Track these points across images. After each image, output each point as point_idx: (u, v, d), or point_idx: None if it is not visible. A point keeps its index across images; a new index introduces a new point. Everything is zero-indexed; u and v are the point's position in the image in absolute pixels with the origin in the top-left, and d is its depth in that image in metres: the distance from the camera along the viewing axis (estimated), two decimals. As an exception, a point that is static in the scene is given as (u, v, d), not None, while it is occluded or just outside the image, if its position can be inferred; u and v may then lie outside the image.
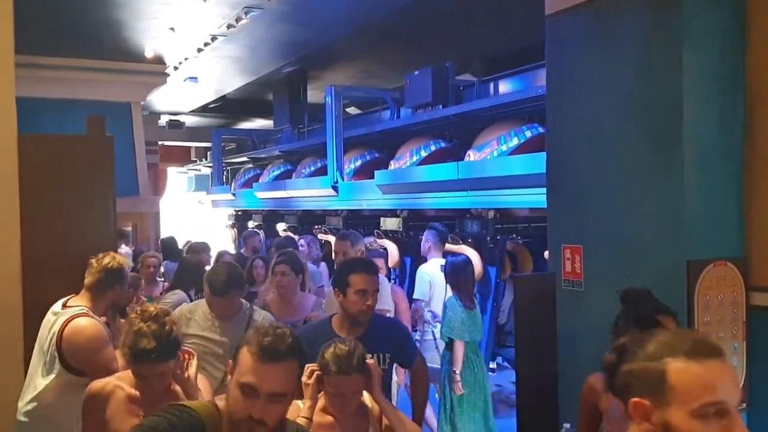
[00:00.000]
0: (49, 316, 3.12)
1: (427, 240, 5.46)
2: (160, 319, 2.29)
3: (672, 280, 2.75)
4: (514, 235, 6.08)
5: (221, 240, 11.76)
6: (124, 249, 6.84)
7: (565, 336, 3.27)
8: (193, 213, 16.21)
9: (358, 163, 7.86)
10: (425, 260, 5.42)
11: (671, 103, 2.80)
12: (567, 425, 2.72)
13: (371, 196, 7.09)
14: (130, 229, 7.30)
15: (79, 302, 3.14)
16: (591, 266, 3.16)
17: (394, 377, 3.71)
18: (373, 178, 6.93)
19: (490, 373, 6.42)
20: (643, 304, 2.35)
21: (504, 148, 5.60)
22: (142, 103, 7.84)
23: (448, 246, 6.05)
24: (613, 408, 2.24)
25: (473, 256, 5.76)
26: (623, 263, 2.99)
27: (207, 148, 14.25)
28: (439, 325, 4.70)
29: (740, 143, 2.90)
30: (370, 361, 2.41)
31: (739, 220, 2.92)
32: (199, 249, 6.48)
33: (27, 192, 3.59)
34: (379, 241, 7.11)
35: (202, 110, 11.00)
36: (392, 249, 6.85)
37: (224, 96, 9.98)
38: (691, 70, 2.77)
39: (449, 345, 4.51)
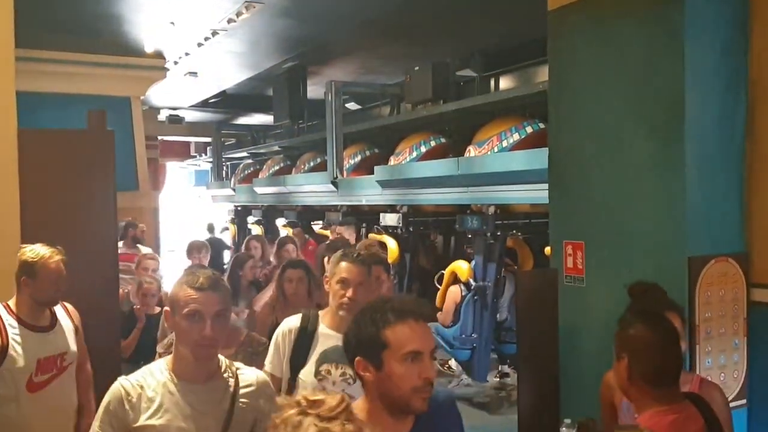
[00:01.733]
0: None
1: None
2: (351, 413, 1.34)
3: (673, 276, 2.76)
4: (514, 231, 6.07)
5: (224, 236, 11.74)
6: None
7: (567, 331, 3.27)
8: (195, 208, 16.22)
9: (358, 158, 7.85)
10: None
11: (673, 99, 2.79)
12: (567, 420, 2.72)
13: (371, 192, 7.08)
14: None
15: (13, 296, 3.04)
16: (592, 262, 3.16)
17: None
18: (372, 173, 6.92)
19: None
20: (649, 298, 2.35)
21: (504, 144, 5.59)
22: (141, 98, 7.81)
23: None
24: (624, 402, 2.27)
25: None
26: (625, 259, 2.99)
27: (207, 143, 14.24)
28: None
29: (742, 139, 2.90)
30: None
31: (741, 216, 2.92)
32: (193, 249, 6.08)
33: (27, 187, 3.58)
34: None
35: (202, 105, 10.97)
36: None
37: (224, 91, 9.96)
38: (693, 65, 2.76)
39: None
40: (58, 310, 3.14)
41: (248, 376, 2.07)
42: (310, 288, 3.72)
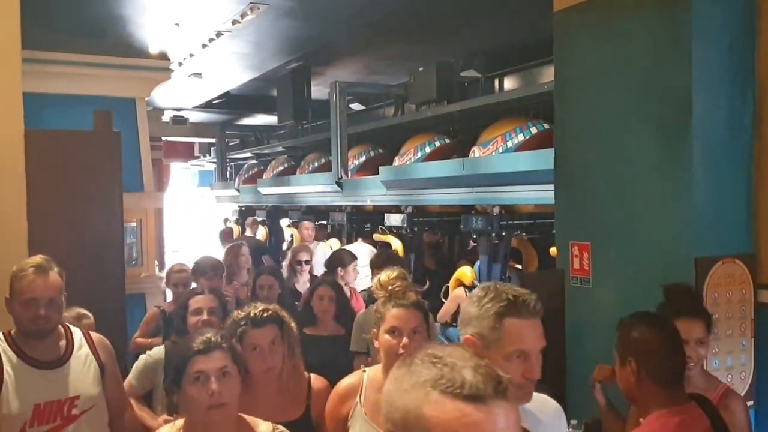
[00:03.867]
0: None
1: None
2: None
3: (680, 277, 2.73)
4: (518, 232, 6.06)
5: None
6: None
7: (574, 332, 3.27)
8: (200, 209, 16.24)
9: (363, 159, 7.85)
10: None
11: (680, 98, 2.79)
12: (574, 421, 2.72)
13: (375, 192, 7.08)
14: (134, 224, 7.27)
15: None
16: (599, 263, 3.15)
17: None
18: (377, 174, 6.92)
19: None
20: (682, 301, 2.33)
21: (509, 144, 5.58)
22: (146, 99, 7.81)
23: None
24: None
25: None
26: (631, 260, 2.98)
27: (211, 144, 14.25)
28: None
29: (749, 138, 2.89)
30: None
31: (748, 216, 2.91)
32: (206, 269, 4.43)
33: (34, 188, 3.59)
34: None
35: (206, 106, 10.98)
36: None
37: (228, 92, 9.97)
38: (700, 64, 2.76)
39: None
40: (79, 340, 2.50)
41: None
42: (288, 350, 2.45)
